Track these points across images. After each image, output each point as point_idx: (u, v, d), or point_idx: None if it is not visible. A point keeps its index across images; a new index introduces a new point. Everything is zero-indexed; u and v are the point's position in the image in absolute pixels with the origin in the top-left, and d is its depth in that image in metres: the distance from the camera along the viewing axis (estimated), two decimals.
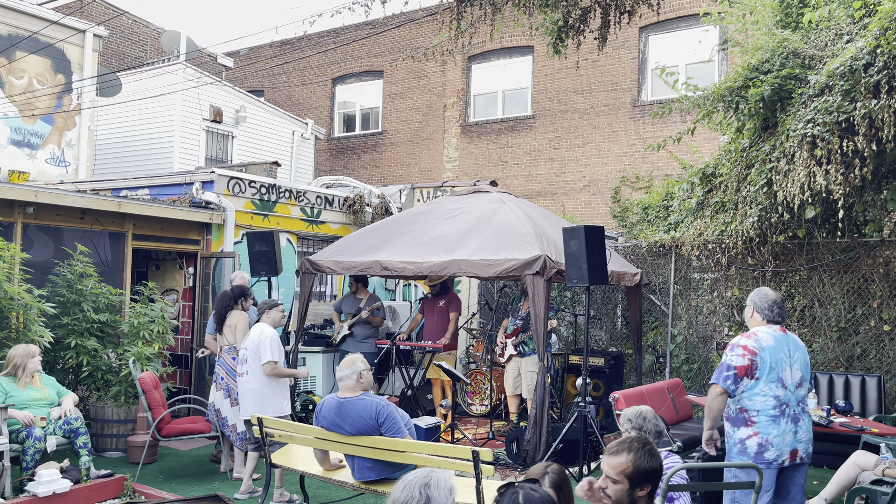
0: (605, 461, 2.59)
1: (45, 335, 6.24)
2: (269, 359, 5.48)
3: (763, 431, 3.81)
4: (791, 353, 3.92)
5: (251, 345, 5.57)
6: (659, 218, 10.28)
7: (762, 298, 4.03)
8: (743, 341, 3.89)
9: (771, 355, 3.83)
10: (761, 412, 3.82)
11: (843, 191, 6.37)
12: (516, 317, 7.71)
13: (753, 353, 3.83)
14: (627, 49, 13.95)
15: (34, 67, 11.40)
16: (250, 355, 5.55)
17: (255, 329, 5.65)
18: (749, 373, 3.82)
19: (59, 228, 7.26)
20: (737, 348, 3.87)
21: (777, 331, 3.94)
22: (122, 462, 6.52)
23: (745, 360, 3.82)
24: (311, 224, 9.77)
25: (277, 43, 18.67)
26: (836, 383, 7.09)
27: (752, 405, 3.84)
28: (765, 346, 3.85)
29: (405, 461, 4.31)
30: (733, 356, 3.86)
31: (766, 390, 3.81)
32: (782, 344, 3.90)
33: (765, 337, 3.88)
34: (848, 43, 6.71)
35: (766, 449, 3.80)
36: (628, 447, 2.56)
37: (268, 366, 5.47)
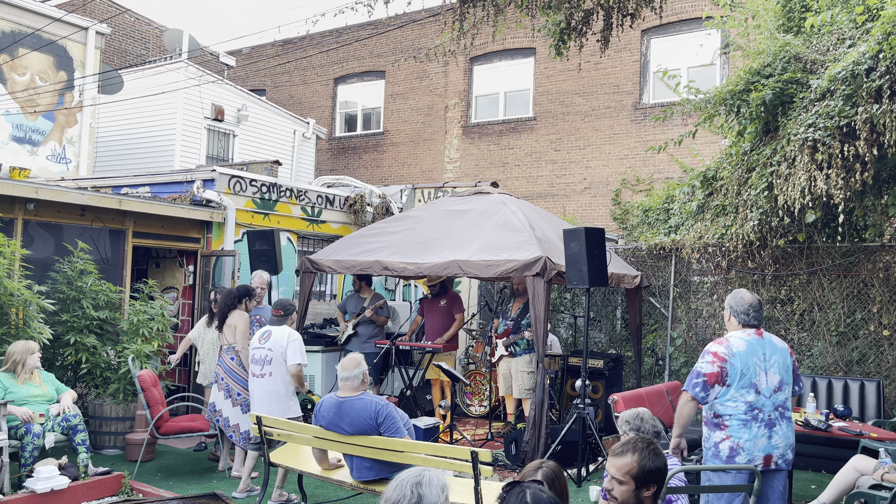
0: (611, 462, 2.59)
1: (45, 332, 6.24)
2: (299, 361, 5.48)
3: (734, 435, 3.80)
4: (767, 357, 3.87)
5: (277, 347, 5.49)
6: (659, 220, 10.29)
7: (738, 302, 3.99)
8: (714, 348, 3.87)
9: (742, 361, 3.80)
10: (733, 416, 3.81)
11: (843, 195, 6.37)
12: (507, 317, 7.68)
13: (723, 360, 3.80)
14: (629, 52, 13.96)
15: (36, 64, 11.41)
16: (275, 357, 5.48)
17: (280, 331, 5.57)
18: (719, 379, 3.79)
19: (59, 225, 7.27)
20: (707, 355, 3.86)
21: (752, 335, 3.90)
22: (120, 459, 6.52)
23: (715, 368, 3.80)
24: (312, 223, 9.77)
25: (280, 42, 18.68)
26: (836, 387, 7.10)
27: (724, 410, 3.83)
28: (735, 352, 3.82)
29: (404, 461, 4.31)
30: (703, 363, 3.84)
31: (737, 396, 3.79)
32: (756, 348, 3.86)
33: (736, 342, 3.85)
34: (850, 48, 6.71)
35: (736, 453, 3.80)
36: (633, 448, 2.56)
37: (294, 367, 5.47)
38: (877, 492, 4.54)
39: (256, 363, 5.58)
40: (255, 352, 5.61)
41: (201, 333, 6.81)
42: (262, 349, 5.58)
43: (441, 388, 8.27)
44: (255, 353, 5.60)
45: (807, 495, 5.88)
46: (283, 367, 5.49)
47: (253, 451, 5.68)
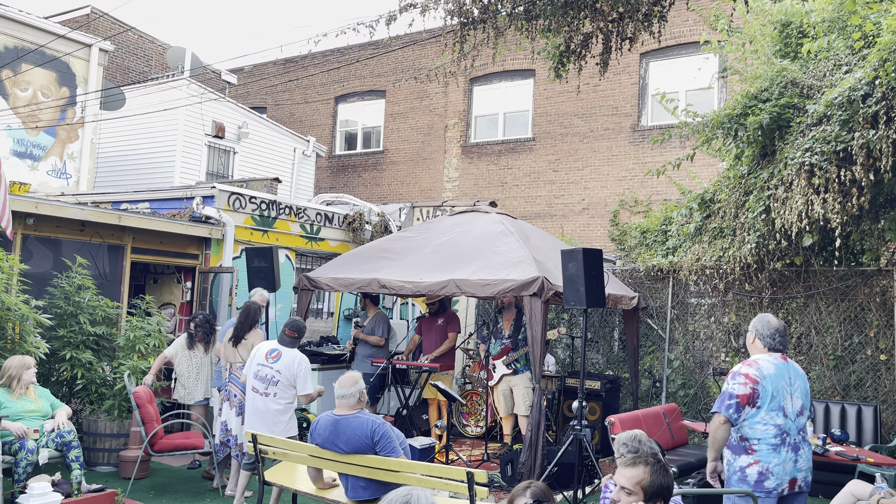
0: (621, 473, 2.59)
1: (41, 346, 6.23)
2: (310, 391, 5.46)
3: (764, 460, 3.79)
4: (792, 381, 3.90)
5: (287, 371, 5.40)
6: (657, 242, 10.32)
7: (765, 325, 4.01)
8: (744, 369, 3.87)
9: (772, 383, 3.81)
10: (762, 440, 3.80)
11: (840, 219, 6.41)
12: (501, 337, 7.64)
13: (755, 382, 3.81)
14: (628, 74, 14.09)
15: (39, 80, 11.48)
16: (283, 380, 5.39)
17: (291, 355, 5.46)
18: (751, 401, 3.79)
19: (58, 240, 7.27)
20: (738, 376, 3.85)
21: (778, 358, 3.93)
22: (114, 477, 6.48)
23: (748, 389, 3.80)
24: (311, 241, 9.79)
25: (281, 61, 18.82)
26: (833, 412, 7.08)
27: (753, 433, 3.82)
28: (766, 374, 3.83)
29: (399, 481, 4.28)
30: (735, 384, 3.83)
31: (767, 419, 3.80)
32: (783, 372, 3.89)
33: (766, 365, 3.87)
34: (846, 74, 6.79)
35: (766, 478, 3.78)
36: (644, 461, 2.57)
37: (306, 398, 5.46)
38: None
39: (261, 381, 5.44)
40: (261, 369, 5.46)
41: (178, 352, 6.80)
42: (268, 368, 5.44)
43: (438, 407, 8.24)
44: (260, 370, 5.46)
45: None
46: (289, 390, 5.42)
47: (246, 470, 5.63)
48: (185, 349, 6.80)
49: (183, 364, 6.79)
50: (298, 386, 5.42)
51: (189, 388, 6.80)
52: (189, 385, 6.80)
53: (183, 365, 6.79)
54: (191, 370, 6.78)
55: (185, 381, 6.81)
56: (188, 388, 6.80)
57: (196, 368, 6.81)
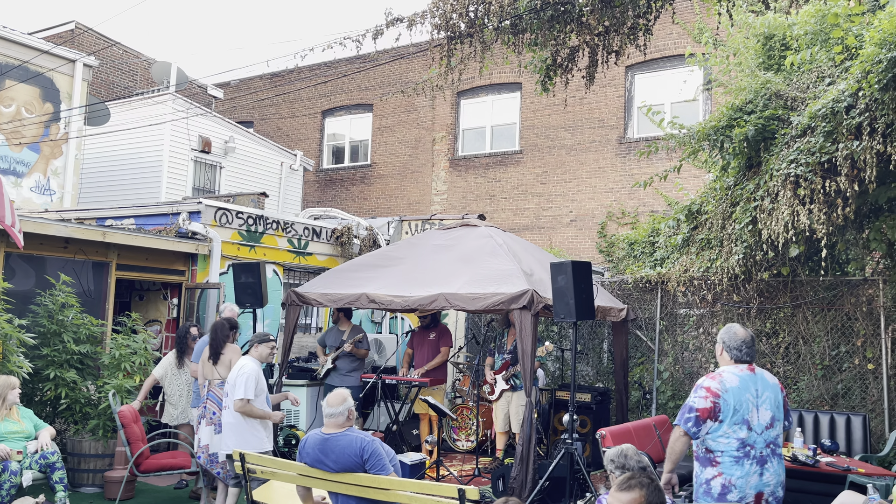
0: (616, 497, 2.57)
1: (24, 366, 6.13)
2: (241, 396, 5.36)
3: (727, 472, 3.76)
4: (759, 393, 3.85)
5: (231, 378, 5.47)
6: (645, 254, 10.35)
7: (731, 337, 3.97)
8: (707, 383, 3.84)
9: (735, 397, 3.78)
10: (725, 453, 3.78)
11: (826, 230, 6.45)
12: (503, 352, 7.67)
13: (716, 396, 3.78)
14: (614, 87, 14.18)
15: (23, 96, 11.40)
16: (230, 390, 5.45)
17: (239, 362, 5.54)
18: (712, 415, 3.76)
19: (41, 258, 7.19)
20: (700, 390, 3.83)
21: (744, 370, 3.88)
22: (99, 498, 6.36)
23: (708, 403, 3.77)
24: (299, 255, 9.73)
25: (268, 75, 18.81)
26: (822, 422, 7.09)
27: (717, 446, 3.80)
28: (728, 387, 3.79)
29: (390, 499, 4.24)
30: (696, 398, 3.81)
31: (729, 432, 3.76)
32: (748, 384, 3.84)
33: (729, 378, 3.83)
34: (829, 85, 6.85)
35: (728, 490, 3.75)
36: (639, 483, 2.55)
37: (238, 402, 5.37)
38: None
39: (225, 395, 5.56)
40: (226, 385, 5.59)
41: (167, 373, 6.72)
42: (227, 382, 5.56)
43: (430, 422, 8.18)
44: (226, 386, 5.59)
45: None
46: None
47: (234, 487, 5.56)
48: (173, 368, 6.72)
49: (173, 384, 6.71)
50: (234, 392, 5.38)
51: (182, 407, 6.70)
52: (181, 405, 6.71)
53: (173, 385, 6.70)
54: (181, 389, 6.69)
55: (177, 401, 6.72)
56: (180, 408, 6.70)
57: (186, 387, 6.72)
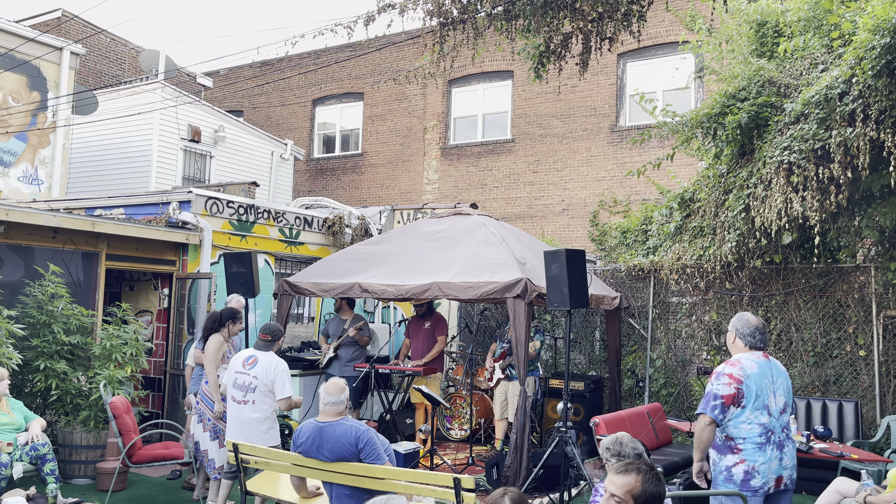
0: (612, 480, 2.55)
1: (14, 357, 6.06)
2: (289, 395, 5.26)
3: (749, 459, 3.78)
4: (774, 379, 3.90)
5: (264, 376, 5.24)
6: (637, 242, 10.35)
7: (744, 324, 4.00)
8: (728, 369, 3.86)
9: (756, 382, 3.81)
10: (747, 440, 3.80)
11: (818, 217, 6.46)
12: (503, 340, 7.68)
13: (739, 382, 3.80)
14: (606, 75, 14.14)
15: (9, 84, 11.24)
16: (260, 386, 5.24)
17: (267, 359, 5.31)
18: (735, 401, 3.79)
19: (30, 248, 7.10)
20: (722, 377, 3.84)
21: (760, 357, 3.93)
22: (91, 489, 6.32)
23: (732, 389, 3.79)
24: (290, 245, 9.68)
25: (258, 63, 18.65)
26: (814, 408, 7.13)
27: (738, 433, 3.81)
28: (750, 373, 3.83)
29: (385, 488, 4.22)
30: (719, 385, 3.82)
31: (752, 418, 3.79)
32: (766, 370, 3.89)
33: (749, 364, 3.86)
34: (823, 72, 6.84)
35: (752, 476, 3.78)
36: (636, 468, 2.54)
37: (285, 402, 5.25)
38: None
39: (239, 389, 5.31)
40: (238, 377, 5.34)
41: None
42: (245, 375, 5.31)
43: (425, 411, 8.17)
44: (238, 378, 5.33)
45: None
46: (267, 396, 5.27)
47: (227, 479, 5.52)
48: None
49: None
50: (276, 390, 5.26)
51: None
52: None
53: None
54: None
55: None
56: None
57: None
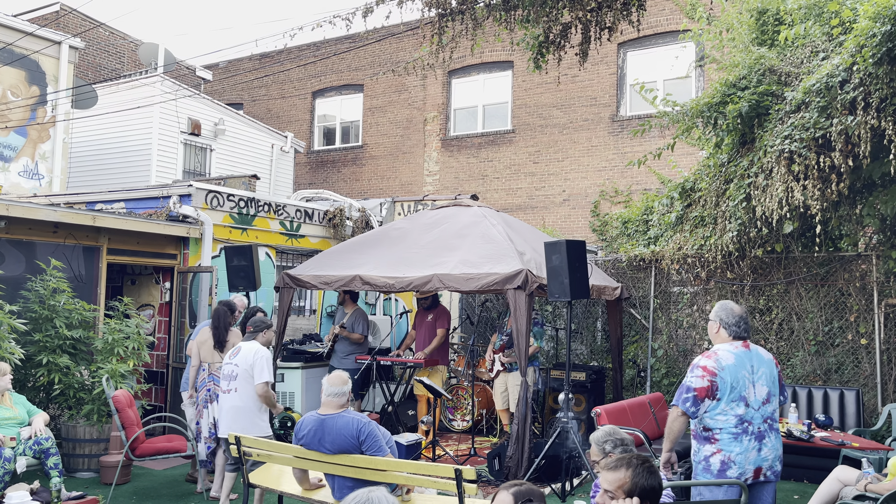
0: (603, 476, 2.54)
1: (16, 352, 6.08)
2: (266, 379, 5.33)
3: (725, 449, 3.77)
4: (755, 370, 3.85)
5: (243, 362, 5.37)
6: (639, 232, 10.34)
7: (728, 314, 3.94)
8: (703, 362, 3.83)
9: (731, 374, 3.77)
10: (723, 430, 3.78)
11: (820, 206, 6.45)
12: (503, 332, 7.68)
13: (713, 374, 3.77)
14: (606, 65, 14.08)
15: (8, 79, 11.22)
16: (241, 373, 5.36)
17: (248, 346, 5.45)
18: (710, 394, 3.76)
19: (31, 243, 7.11)
20: (696, 369, 3.81)
21: (739, 347, 3.88)
22: (95, 483, 6.35)
23: (705, 382, 3.76)
24: (291, 238, 9.68)
25: (257, 56, 18.59)
26: (815, 397, 7.14)
27: (715, 423, 3.80)
28: (725, 365, 3.79)
29: (386, 480, 4.24)
30: (693, 378, 3.80)
31: (727, 409, 3.77)
32: (744, 361, 3.84)
33: (725, 356, 3.83)
34: (823, 60, 6.81)
35: (728, 466, 3.77)
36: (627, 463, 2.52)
37: (261, 386, 5.33)
38: (860, 502, 4.55)
39: (225, 378, 5.47)
40: (225, 367, 5.50)
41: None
42: (229, 364, 5.47)
43: (428, 403, 8.18)
44: (225, 368, 5.49)
45: None
46: (249, 383, 5.37)
47: (230, 472, 5.55)
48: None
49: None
50: (255, 374, 5.34)
51: None
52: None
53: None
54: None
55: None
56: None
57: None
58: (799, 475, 6.70)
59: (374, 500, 2.05)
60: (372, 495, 2.06)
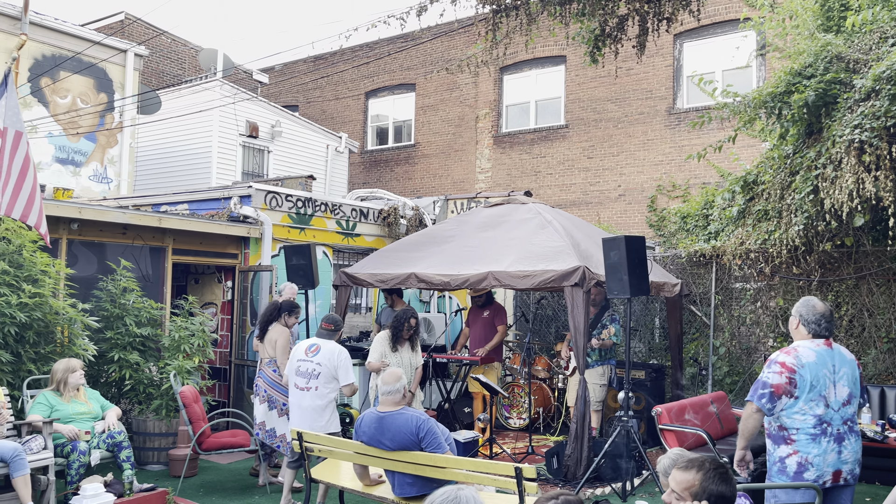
0: (673, 475, 2.48)
1: (90, 349, 6.34)
2: (353, 380, 5.43)
3: (803, 450, 3.63)
4: (836, 369, 3.71)
5: (327, 362, 5.38)
6: (698, 227, 10.10)
7: (809, 310, 3.80)
8: (781, 357, 3.69)
9: (812, 372, 3.63)
10: (801, 430, 3.64)
11: (892, 197, 6.17)
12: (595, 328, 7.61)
13: (792, 371, 3.64)
14: (662, 56, 13.79)
15: (77, 87, 11.70)
16: (323, 372, 5.38)
17: (329, 346, 5.46)
18: (787, 391, 3.63)
19: (101, 244, 7.40)
20: (774, 365, 3.68)
21: (821, 345, 3.74)
22: (164, 475, 6.58)
23: (783, 379, 3.63)
24: (347, 237, 9.81)
25: (311, 58, 18.90)
26: (889, 396, 6.85)
27: (792, 423, 3.66)
28: (805, 362, 3.65)
29: (446, 477, 4.26)
30: (770, 373, 3.67)
31: (805, 409, 3.63)
32: (825, 359, 3.70)
33: (805, 353, 3.69)
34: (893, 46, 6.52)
35: (805, 469, 3.62)
36: (699, 465, 2.43)
37: (350, 387, 5.41)
38: None
39: (302, 376, 5.45)
40: (301, 364, 5.47)
41: (386, 356, 6.41)
42: (308, 362, 5.44)
43: (483, 400, 8.18)
44: (301, 365, 5.47)
45: None
46: (330, 382, 5.41)
47: (291, 468, 5.65)
48: (388, 353, 6.42)
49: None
50: (340, 376, 5.40)
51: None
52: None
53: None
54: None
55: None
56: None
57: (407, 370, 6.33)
58: (871, 477, 6.44)
59: (462, 500, 2.09)
60: (461, 494, 2.10)
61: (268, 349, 6.23)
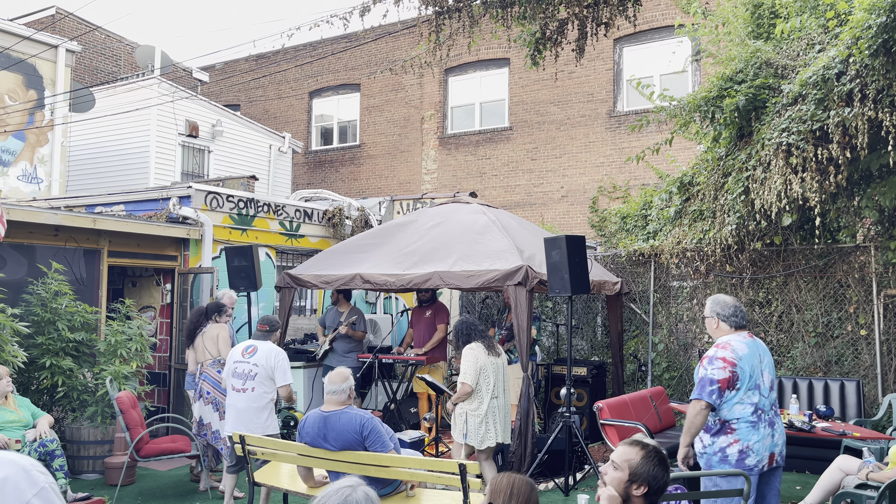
0: (618, 449, 2.58)
1: (19, 355, 6.09)
2: (290, 381, 5.38)
3: (744, 438, 3.80)
4: (762, 358, 3.93)
5: (264, 362, 5.34)
6: (637, 227, 10.36)
7: (723, 307, 3.98)
8: (721, 353, 3.85)
9: (748, 363, 3.83)
10: (741, 419, 3.81)
11: (818, 198, 6.47)
12: (501, 327, 7.71)
13: (733, 365, 3.80)
14: (602, 60, 14.10)
15: (5, 83, 11.22)
16: (260, 373, 5.33)
17: (266, 347, 5.42)
18: (730, 384, 3.80)
19: (32, 246, 7.12)
20: (716, 361, 3.83)
21: (746, 337, 3.94)
22: (100, 484, 6.38)
23: (727, 373, 3.79)
24: (291, 238, 9.69)
25: (253, 57, 18.60)
26: (816, 388, 7.17)
27: (731, 414, 3.82)
28: (741, 355, 3.84)
29: (391, 476, 4.27)
30: (714, 370, 3.82)
31: (745, 399, 3.81)
32: (755, 350, 3.91)
33: (739, 346, 3.87)
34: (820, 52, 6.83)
35: (747, 455, 3.80)
36: (643, 446, 2.54)
37: (287, 388, 5.37)
38: (863, 491, 4.58)
39: (238, 377, 5.40)
40: (238, 366, 5.42)
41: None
42: (245, 363, 5.40)
43: (429, 400, 8.20)
44: (238, 366, 5.42)
45: (792, 496, 5.92)
46: (267, 383, 5.37)
47: (231, 473, 5.56)
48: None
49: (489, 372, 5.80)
50: (277, 377, 5.36)
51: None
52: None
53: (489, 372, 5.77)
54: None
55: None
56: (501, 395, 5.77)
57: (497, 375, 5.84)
58: (801, 466, 6.73)
59: (352, 502, 1.86)
60: (354, 494, 1.88)
61: (209, 348, 6.13)
